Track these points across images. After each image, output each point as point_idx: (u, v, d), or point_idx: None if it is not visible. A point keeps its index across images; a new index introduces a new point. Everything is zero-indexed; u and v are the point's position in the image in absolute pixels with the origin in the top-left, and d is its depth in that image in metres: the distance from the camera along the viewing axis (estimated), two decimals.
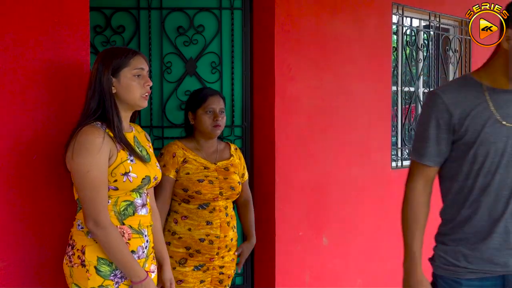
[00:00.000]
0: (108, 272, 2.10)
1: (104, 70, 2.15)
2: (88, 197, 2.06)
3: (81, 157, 2.05)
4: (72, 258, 2.13)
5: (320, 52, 3.73)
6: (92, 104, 2.15)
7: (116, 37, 3.40)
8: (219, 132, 2.86)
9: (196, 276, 2.80)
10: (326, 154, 3.80)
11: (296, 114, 3.59)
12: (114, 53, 2.19)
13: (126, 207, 2.16)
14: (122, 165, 2.12)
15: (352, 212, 3.99)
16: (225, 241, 2.81)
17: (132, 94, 2.18)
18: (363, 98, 4.03)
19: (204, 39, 3.46)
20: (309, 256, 3.73)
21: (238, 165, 2.96)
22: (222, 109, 2.88)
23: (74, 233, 2.17)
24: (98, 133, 2.08)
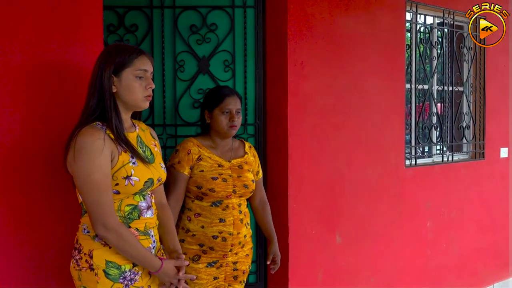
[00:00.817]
0: (117, 275, 2.07)
1: (106, 68, 2.07)
2: (93, 201, 2.00)
3: (82, 160, 1.98)
4: (79, 262, 2.09)
5: (333, 50, 3.72)
6: (91, 102, 2.07)
7: (129, 36, 3.41)
8: (234, 132, 2.87)
9: (209, 273, 2.81)
10: (339, 152, 3.79)
11: (309, 112, 3.58)
12: (118, 51, 2.11)
13: (131, 211, 2.12)
14: (124, 168, 2.05)
15: (365, 210, 3.97)
16: (238, 238, 2.82)
17: (133, 96, 2.11)
18: (376, 96, 4.01)
19: (217, 38, 3.47)
20: (322, 255, 3.72)
21: (252, 163, 2.96)
22: (239, 110, 2.88)
23: (80, 237, 2.12)
24: (98, 135, 2.00)
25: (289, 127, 3.46)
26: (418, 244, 4.41)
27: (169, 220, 2.37)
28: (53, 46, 2.43)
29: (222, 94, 2.87)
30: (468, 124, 4.96)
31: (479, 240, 4.95)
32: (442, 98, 4.78)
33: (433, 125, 4.70)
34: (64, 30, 2.46)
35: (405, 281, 4.29)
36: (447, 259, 4.66)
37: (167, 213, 2.38)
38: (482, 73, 4.96)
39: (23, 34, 2.35)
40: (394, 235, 4.18)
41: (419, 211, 4.41)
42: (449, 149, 4.85)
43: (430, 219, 4.50)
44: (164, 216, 2.34)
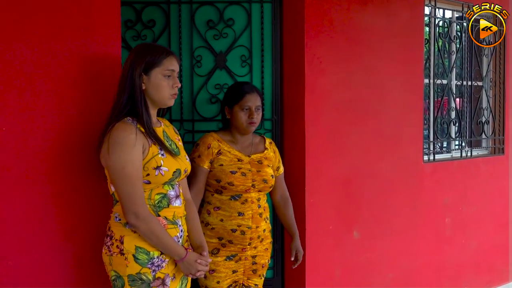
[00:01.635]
0: (145, 261, 2.20)
1: (136, 66, 2.21)
2: (126, 191, 2.14)
3: (116, 154, 2.12)
4: (111, 247, 2.22)
5: (351, 45, 3.69)
6: (122, 99, 2.21)
7: (146, 31, 3.42)
8: (253, 128, 2.90)
9: (228, 266, 2.83)
10: (357, 147, 3.77)
11: (326, 107, 3.57)
12: (148, 51, 2.24)
13: (160, 200, 2.25)
14: (154, 159, 2.19)
15: (383, 206, 3.95)
16: (257, 231, 2.84)
17: (161, 94, 2.25)
18: (394, 91, 3.98)
19: (234, 33, 3.47)
20: (339, 250, 3.71)
21: (272, 158, 2.98)
22: (258, 107, 2.89)
23: (112, 224, 2.26)
24: (131, 130, 2.14)
25: (306, 122, 3.45)
26: (436, 240, 4.38)
27: (194, 216, 2.49)
28: (71, 42, 2.46)
29: (242, 91, 2.88)
30: (487, 119, 4.91)
31: (498, 237, 4.90)
32: (461, 93, 4.74)
33: (451, 120, 4.66)
34: (82, 26, 2.49)
35: (423, 277, 4.27)
36: (465, 255, 4.62)
37: (193, 209, 2.51)
38: (502, 68, 4.90)
39: (41, 31, 2.37)
40: (412, 231, 4.16)
41: (437, 207, 4.38)
42: (468, 145, 4.81)
43: (448, 215, 4.46)
44: (190, 212, 2.46)
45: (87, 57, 2.50)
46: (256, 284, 2.97)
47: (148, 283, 2.21)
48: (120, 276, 2.21)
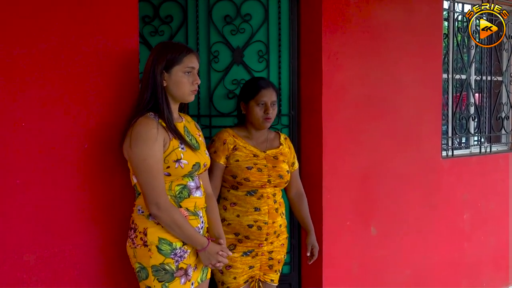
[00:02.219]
0: (168, 251, 2.28)
1: (157, 64, 2.30)
2: (147, 183, 2.23)
3: (138, 146, 2.21)
4: (135, 240, 2.31)
5: (368, 40, 3.68)
6: (145, 95, 2.31)
7: (164, 27, 3.43)
8: (269, 124, 2.90)
9: (244, 262, 2.85)
10: (374, 143, 3.75)
11: (343, 103, 3.56)
12: (169, 49, 2.33)
13: (181, 190, 2.34)
14: (174, 152, 2.28)
15: (401, 202, 3.94)
16: (274, 227, 2.85)
17: (181, 90, 2.35)
18: (412, 86, 3.96)
19: (251, 28, 3.46)
20: (356, 246, 3.71)
21: (287, 154, 2.99)
22: (274, 102, 2.89)
23: (135, 217, 2.35)
24: (153, 124, 2.23)
25: (324, 118, 3.44)
26: (454, 237, 4.35)
27: (214, 208, 2.57)
28: (89, 38, 2.47)
29: (258, 86, 2.89)
30: (507, 114, 4.86)
31: None
32: (480, 88, 4.70)
33: (470, 115, 4.62)
34: (100, 22, 2.50)
35: (441, 275, 4.25)
36: (484, 252, 4.59)
37: (213, 202, 2.59)
38: None
39: (58, 27, 2.39)
40: (430, 227, 4.14)
41: (456, 203, 4.35)
42: (487, 140, 4.77)
43: (467, 211, 4.43)
44: (210, 205, 2.53)
45: (105, 52, 2.51)
46: (272, 279, 2.97)
47: (172, 273, 2.29)
48: (144, 267, 2.29)
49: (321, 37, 3.43)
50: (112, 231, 2.56)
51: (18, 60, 2.29)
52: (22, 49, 2.30)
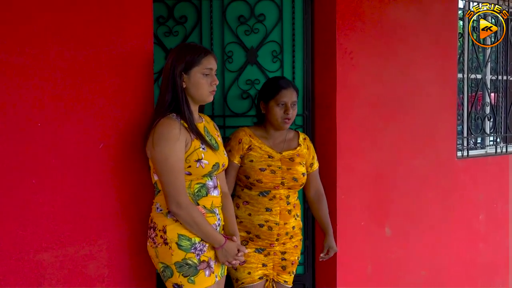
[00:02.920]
0: (188, 246, 2.33)
1: (177, 66, 2.35)
2: (169, 181, 2.28)
3: (161, 146, 2.27)
4: (155, 239, 2.36)
5: (383, 40, 3.66)
6: (166, 97, 2.36)
7: (178, 27, 3.44)
8: (288, 125, 2.89)
9: (258, 258, 2.85)
10: (389, 143, 3.74)
11: (358, 103, 3.55)
12: (188, 51, 2.38)
13: (199, 189, 2.39)
14: (196, 152, 2.33)
15: (416, 202, 3.92)
16: (285, 228, 2.84)
17: (200, 91, 2.39)
18: (427, 86, 3.94)
19: (265, 28, 3.47)
20: (371, 247, 3.70)
21: (305, 155, 2.96)
22: (294, 102, 2.87)
23: (154, 216, 2.40)
24: (175, 125, 2.29)
25: (338, 118, 3.44)
26: (470, 238, 4.32)
27: (230, 206, 2.62)
28: (104, 39, 2.48)
29: (278, 86, 2.87)
30: None
31: None
32: (496, 88, 4.67)
33: (486, 115, 4.59)
34: (114, 23, 2.51)
35: (456, 275, 4.22)
36: (499, 253, 4.56)
37: (229, 200, 2.66)
38: None
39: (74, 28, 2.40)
40: (445, 228, 4.12)
41: (471, 204, 4.32)
42: (503, 140, 4.74)
43: (482, 212, 4.40)
44: (225, 204, 2.58)
45: (120, 53, 2.53)
46: (285, 280, 2.97)
47: (195, 267, 2.34)
48: (168, 266, 2.34)
49: (335, 37, 3.43)
50: (131, 230, 2.58)
51: (35, 61, 2.30)
52: (38, 50, 2.31)
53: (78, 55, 2.41)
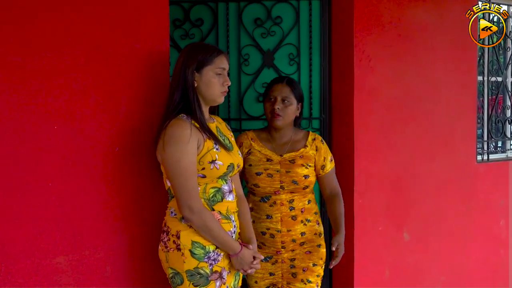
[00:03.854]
0: (202, 255, 2.25)
1: (189, 64, 2.28)
2: (180, 185, 2.21)
3: (172, 148, 2.19)
4: (167, 243, 2.29)
5: (401, 42, 3.64)
6: (175, 96, 2.29)
7: (194, 30, 3.46)
8: (279, 122, 2.74)
9: (264, 267, 2.77)
10: (407, 147, 3.71)
11: (376, 106, 3.53)
12: (200, 49, 2.32)
13: (215, 194, 2.31)
14: (209, 153, 2.26)
15: (434, 207, 3.88)
16: (289, 235, 2.73)
17: (212, 90, 2.32)
18: (446, 89, 3.91)
19: (282, 31, 3.46)
20: (389, 251, 3.67)
21: (311, 157, 2.78)
22: (285, 97, 2.73)
23: (168, 220, 2.32)
24: (186, 125, 2.21)
25: (355, 121, 3.42)
26: (490, 243, 4.27)
27: (246, 211, 2.54)
28: (121, 42, 2.49)
29: (271, 82, 2.81)
30: None
31: None
32: None
33: (507, 118, 4.54)
34: (130, 26, 2.52)
35: (476, 281, 4.18)
36: None
37: (245, 204, 2.56)
38: None
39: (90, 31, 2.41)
40: (464, 233, 4.08)
41: (492, 209, 4.27)
42: None
43: (503, 217, 4.35)
44: (241, 209, 2.51)
45: (137, 56, 2.53)
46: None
47: (206, 277, 2.27)
48: (178, 273, 2.27)
49: (352, 39, 3.42)
50: (143, 234, 2.57)
51: (48, 63, 2.30)
52: (52, 53, 2.31)
53: (94, 58, 2.42)
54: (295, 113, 2.79)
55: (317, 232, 2.84)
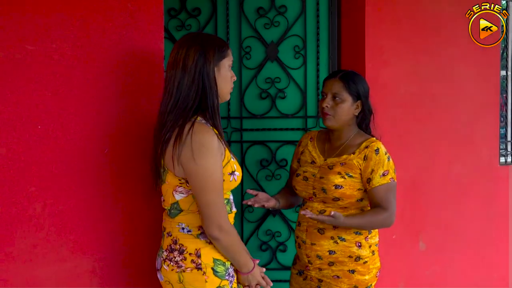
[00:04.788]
0: (223, 272, 2.19)
1: (209, 57, 2.13)
2: (211, 201, 2.10)
3: (205, 159, 2.05)
4: (182, 263, 2.19)
5: (417, 33, 3.60)
6: (191, 94, 2.12)
7: (191, 20, 3.43)
8: (329, 122, 2.62)
9: (298, 282, 2.72)
10: (424, 148, 3.68)
11: (390, 103, 3.49)
12: (213, 41, 2.17)
13: (226, 205, 2.21)
14: (229, 164, 2.16)
15: (453, 213, 3.85)
16: (314, 250, 2.60)
17: (227, 87, 2.22)
18: (467, 85, 3.87)
19: (287, 21, 3.44)
20: (403, 262, 3.62)
21: (353, 166, 2.58)
22: (337, 94, 2.60)
23: (181, 237, 2.21)
24: (212, 132, 2.09)
25: None
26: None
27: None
28: (111, 33, 2.45)
29: (325, 78, 2.71)
30: None
31: None
32: None
33: None
34: (122, 16, 2.47)
35: None
36: None
37: None
38: None
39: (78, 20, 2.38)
40: (486, 241, 4.04)
41: None
42: None
43: None
44: None
45: (128, 48, 2.48)
46: None
47: None
48: None
49: (364, 30, 3.38)
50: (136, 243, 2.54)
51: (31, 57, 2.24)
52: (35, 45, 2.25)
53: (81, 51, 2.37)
54: (350, 112, 2.64)
55: (354, 256, 2.60)
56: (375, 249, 2.68)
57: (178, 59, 2.14)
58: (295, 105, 3.49)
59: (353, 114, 2.66)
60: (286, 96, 3.48)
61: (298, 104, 3.49)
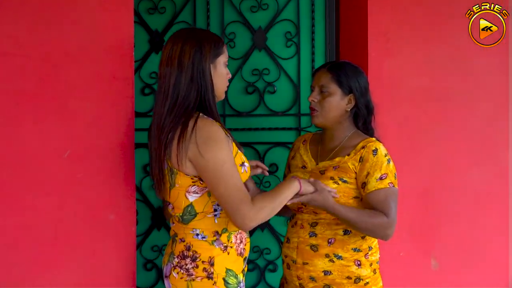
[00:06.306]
0: (235, 285, 2.35)
1: (206, 54, 2.32)
2: (230, 192, 2.27)
3: (213, 151, 2.23)
4: (192, 271, 2.34)
5: (428, 17, 3.54)
6: (192, 93, 2.31)
7: (165, 2, 3.43)
8: (316, 120, 2.64)
9: None
10: (437, 151, 3.64)
11: (396, 97, 3.41)
12: (209, 37, 2.36)
13: None
14: (238, 155, 2.32)
15: (470, 227, 3.82)
16: (307, 270, 2.54)
17: (223, 83, 2.40)
18: (485, 77, 3.84)
19: (277, 3, 3.46)
20: (413, 283, 3.57)
21: (347, 170, 2.57)
22: (323, 86, 2.61)
23: (194, 244, 2.36)
24: (217, 124, 2.27)
25: None
26: None
27: None
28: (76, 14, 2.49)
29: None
30: None
31: None
32: None
33: None
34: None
35: None
36: None
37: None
38: None
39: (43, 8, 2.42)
40: (508, 260, 4.09)
41: None
42: None
43: None
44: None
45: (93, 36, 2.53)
46: None
47: None
48: None
49: (366, 14, 3.33)
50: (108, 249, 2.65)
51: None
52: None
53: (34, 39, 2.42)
54: (340, 107, 2.63)
55: (353, 276, 2.58)
56: (376, 267, 2.61)
57: (173, 55, 2.30)
58: (286, 101, 3.50)
59: (345, 109, 2.63)
60: (276, 90, 3.49)
61: (290, 100, 3.51)
